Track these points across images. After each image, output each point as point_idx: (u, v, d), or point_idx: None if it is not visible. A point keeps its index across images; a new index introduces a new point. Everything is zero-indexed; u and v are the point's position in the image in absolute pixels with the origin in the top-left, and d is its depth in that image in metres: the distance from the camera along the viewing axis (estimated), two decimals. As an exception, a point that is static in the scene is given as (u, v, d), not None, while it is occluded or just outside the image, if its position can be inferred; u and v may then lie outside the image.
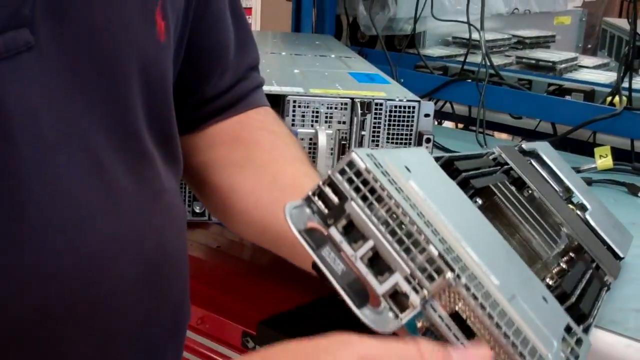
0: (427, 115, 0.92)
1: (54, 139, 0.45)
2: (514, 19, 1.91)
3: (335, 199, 0.41)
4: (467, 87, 1.39)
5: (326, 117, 0.91)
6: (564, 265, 0.63)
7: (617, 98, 1.28)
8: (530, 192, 0.69)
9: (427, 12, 1.58)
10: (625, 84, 1.28)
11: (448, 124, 1.77)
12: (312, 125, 0.91)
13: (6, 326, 0.44)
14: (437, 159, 0.55)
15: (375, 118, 0.92)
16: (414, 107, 0.92)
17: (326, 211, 0.41)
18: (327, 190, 0.41)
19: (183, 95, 0.62)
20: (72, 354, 0.48)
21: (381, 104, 0.92)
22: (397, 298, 0.40)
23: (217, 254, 1.36)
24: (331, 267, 0.39)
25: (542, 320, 0.44)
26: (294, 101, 0.90)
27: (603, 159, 1.18)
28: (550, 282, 0.57)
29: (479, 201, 0.57)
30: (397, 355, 0.37)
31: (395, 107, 0.93)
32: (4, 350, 0.45)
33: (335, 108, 0.91)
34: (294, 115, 0.91)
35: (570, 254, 0.67)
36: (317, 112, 0.91)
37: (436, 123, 1.67)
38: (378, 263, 0.40)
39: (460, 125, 1.69)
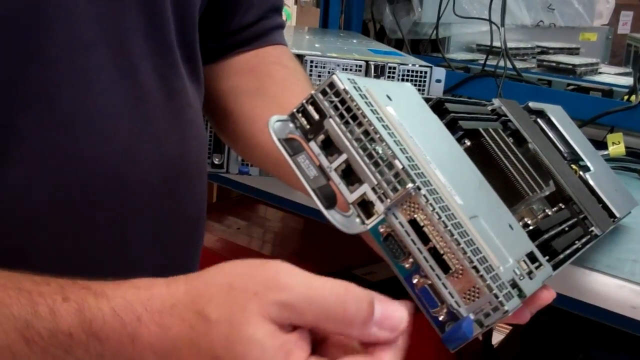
0: (438, 81, 0.97)
1: (90, 38, 0.51)
2: (539, 31, 1.91)
3: (316, 116, 0.45)
4: (487, 83, 1.43)
5: (340, 77, 0.96)
6: (549, 212, 0.66)
7: (633, 96, 1.29)
8: (525, 144, 0.72)
9: (452, 19, 1.61)
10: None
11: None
12: (327, 86, 0.96)
13: (35, 208, 0.50)
14: (427, 99, 0.59)
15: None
16: (425, 72, 0.97)
17: (307, 127, 0.46)
18: (310, 108, 0.46)
19: (209, 27, 0.68)
20: (92, 240, 0.53)
21: (394, 68, 0.97)
22: (365, 206, 0.44)
23: (236, 233, 1.44)
24: (305, 172, 0.44)
25: (502, 241, 0.48)
26: (312, 61, 0.96)
27: (615, 146, 1.19)
28: (529, 222, 0.60)
29: (467, 142, 0.61)
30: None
31: (408, 71, 0.98)
32: (28, 231, 0.50)
33: (350, 69, 0.97)
34: (310, 75, 0.96)
35: (560, 205, 0.70)
36: (333, 73, 0.95)
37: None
38: (350, 175, 0.45)
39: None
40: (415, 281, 0.44)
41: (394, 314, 0.40)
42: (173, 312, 0.39)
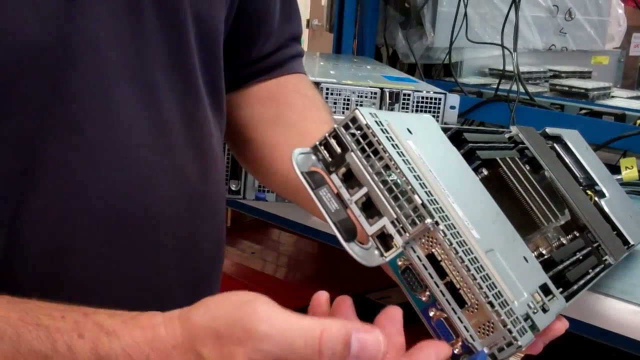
0: (452, 107, 0.98)
1: (115, 70, 0.53)
2: (551, 55, 1.91)
3: (338, 149, 0.47)
4: (500, 108, 1.44)
5: (356, 105, 0.97)
6: (564, 241, 0.67)
7: (647, 120, 1.30)
8: (542, 172, 0.73)
9: (464, 43, 1.62)
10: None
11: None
12: (343, 113, 0.98)
13: (62, 238, 0.52)
14: (446, 129, 0.60)
15: (403, 108, 0.98)
16: (440, 99, 0.99)
17: (330, 159, 0.47)
18: (332, 142, 0.47)
19: (230, 56, 0.69)
20: (116, 268, 0.55)
21: (409, 95, 0.99)
22: (384, 239, 0.46)
23: (251, 257, 1.47)
24: (326, 205, 0.45)
25: (517, 274, 0.49)
26: (327, 89, 0.97)
27: (629, 170, 1.20)
28: (544, 252, 0.61)
29: (485, 172, 0.62)
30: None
31: (422, 98, 0.99)
32: (56, 260, 0.52)
33: (365, 97, 0.98)
34: (326, 102, 0.96)
35: (575, 233, 0.71)
36: (348, 100, 0.97)
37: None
38: (370, 208, 0.46)
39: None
40: (431, 314, 0.45)
41: (370, 345, 0.41)
42: (175, 352, 0.44)
